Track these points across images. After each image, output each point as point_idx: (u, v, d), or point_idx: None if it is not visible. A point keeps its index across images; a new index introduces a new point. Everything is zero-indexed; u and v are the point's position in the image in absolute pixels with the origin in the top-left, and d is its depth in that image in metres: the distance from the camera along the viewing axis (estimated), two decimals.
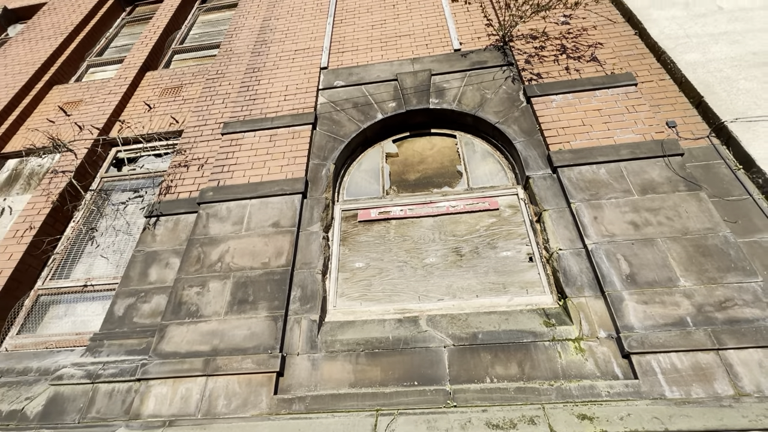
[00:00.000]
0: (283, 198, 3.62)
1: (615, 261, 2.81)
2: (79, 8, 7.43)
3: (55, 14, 7.45)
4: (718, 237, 2.82)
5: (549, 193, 3.32)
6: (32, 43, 6.76)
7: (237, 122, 4.36)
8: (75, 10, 7.41)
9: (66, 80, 6.44)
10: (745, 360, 2.36)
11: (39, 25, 7.24)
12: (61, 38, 6.68)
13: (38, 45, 6.66)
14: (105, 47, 7.19)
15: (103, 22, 7.47)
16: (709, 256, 2.75)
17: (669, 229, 2.90)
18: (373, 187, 3.93)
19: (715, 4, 4.42)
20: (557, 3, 4.21)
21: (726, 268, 2.68)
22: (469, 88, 4.23)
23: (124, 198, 4.50)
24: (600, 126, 3.58)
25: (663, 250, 2.81)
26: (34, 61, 6.28)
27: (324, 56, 4.91)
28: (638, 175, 3.22)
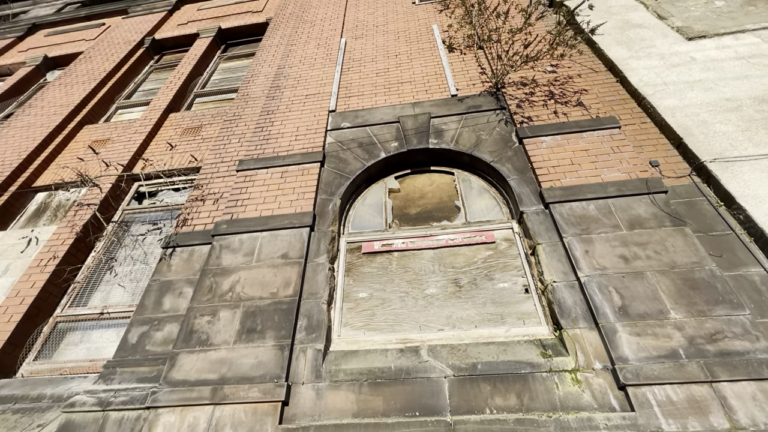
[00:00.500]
0: (292, 231, 3.65)
1: (607, 293, 2.79)
2: (112, 56, 7.80)
3: (90, 62, 7.81)
4: (705, 271, 2.80)
5: (542, 227, 3.34)
6: (68, 87, 7.06)
7: (251, 160, 4.47)
8: (108, 58, 7.77)
9: (96, 120, 6.66)
10: (739, 393, 2.29)
11: (75, 71, 7.58)
12: (94, 83, 6.97)
13: (73, 89, 6.94)
14: (133, 91, 7.48)
15: (133, 68, 7.82)
16: (698, 289, 2.72)
17: (657, 263, 2.89)
18: (377, 220, 3.96)
19: (689, 55, 4.59)
20: (544, 55, 4.39)
21: (714, 301, 2.65)
22: (465, 129, 4.35)
23: (143, 230, 4.55)
24: (588, 165, 3.64)
25: (653, 283, 2.79)
26: (69, 104, 6.53)
27: (332, 100, 5.09)
28: (626, 211, 3.24)
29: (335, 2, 7.56)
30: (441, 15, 6.53)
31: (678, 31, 4.99)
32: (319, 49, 6.21)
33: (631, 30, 5.20)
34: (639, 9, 5.58)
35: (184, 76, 6.85)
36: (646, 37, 5.03)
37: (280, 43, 6.95)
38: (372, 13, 7.01)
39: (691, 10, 5.35)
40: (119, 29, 8.99)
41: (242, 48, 8.12)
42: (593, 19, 5.26)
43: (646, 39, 5.00)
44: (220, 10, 8.90)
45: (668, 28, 5.11)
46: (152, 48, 8.34)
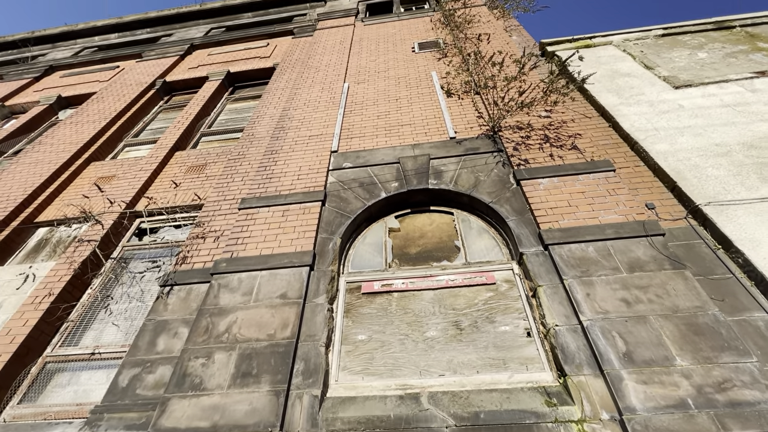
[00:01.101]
0: (292, 270, 3.64)
1: (611, 338, 2.74)
2: (124, 97, 8.12)
3: (102, 102, 8.12)
4: (708, 315, 2.77)
5: (542, 269, 3.34)
6: (78, 125, 7.28)
7: (253, 198, 4.53)
8: (120, 98, 8.08)
9: (103, 157, 6.82)
10: None
11: (87, 110, 7.85)
12: (104, 122, 7.20)
13: (83, 127, 7.16)
14: (142, 129, 7.72)
15: (143, 108, 8.11)
16: (702, 334, 2.68)
17: (660, 307, 2.86)
18: (377, 260, 3.96)
19: (677, 102, 4.80)
20: (538, 101, 4.59)
21: (720, 348, 2.60)
22: (464, 170, 4.45)
23: (142, 267, 4.53)
24: (585, 207, 3.70)
25: (656, 328, 2.75)
26: (78, 141, 6.71)
27: (335, 141, 5.24)
28: (625, 254, 3.25)
29: (339, 50, 7.98)
30: (439, 63, 6.88)
31: (665, 80, 5.25)
32: (323, 93, 6.48)
33: (620, 78, 5.47)
34: (626, 59, 5.90)
35: (191, 116, 7.09)
36: (635, 85, 5.28)
37: (285, 87, 7.27)
38: (374, 60, 7.38)
39: (676, 60, 5.66)
40: (132, 71, 9.42)
41: (249, 90, 8.47)
42: (583, 68, 5.54)
43: (635, 87, 5.24)
44: (229, 56, 9.37)
45: (655, 77, 5.38)
46: (163, 89, 8.69)
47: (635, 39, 6.38)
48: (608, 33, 6.56)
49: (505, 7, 8.58)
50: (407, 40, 7.99)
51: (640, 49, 6.09)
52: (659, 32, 6.39)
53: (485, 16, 8.22)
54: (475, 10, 8.58)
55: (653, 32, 6.42)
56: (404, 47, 7.70)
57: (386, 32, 8.61)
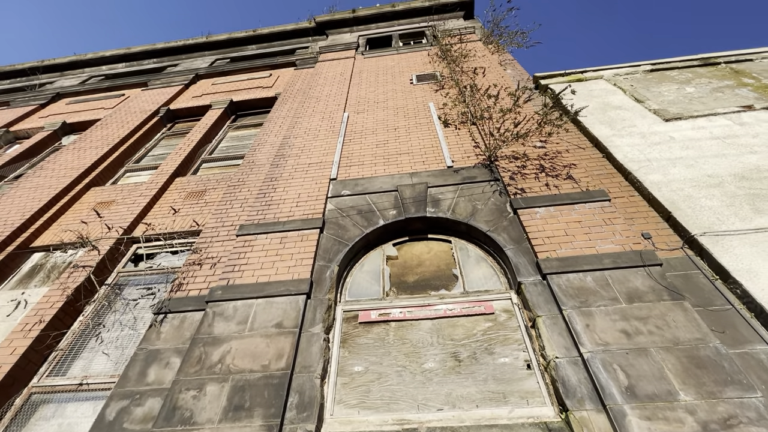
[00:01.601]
0: (288, 298, 3.60)
1: (612, 371, 2.69)
2: (127, 124, 8.27)
3: (106, 128, 8.26)
4: (710, 348, 2.73)
5: (541, 299, 3.31)
6: (81, 151, 7.38)
7: (252, 225, 4.54)
8: (124, 125, 8.24)
9: (104, 183, 6.87)
10: None
11: (90, 136, 7.98)
12: (106, 148, 7.30)
13: (86, 153, 7.26)
14: (144, 155, 7.82)
15: (146, 135, 8.25)
16: (704, 368, 2.64)
17: (660, 339, 2.83)
18: (374, 288, 3.93)
19: (668, 134, 4.94)
20: (533, 133, 4.71)
21: (723, 382, 2.55)
22: (461, 199, 4.50)
23: (136, 294, 4.47)
24: (582, 236, 3.72)
25: (658, 361, 2.71)
26: (79, 167, 6.78)
27: (334, 169, 5.32)
28: (623, 284, 3.24)
29: (340, 81, 8.24)
30: (437, 94, 7.10)
31: (655, 113, 5.42)
32: (323, 122, 6.63)
33: (612, 111, 5.64)
34: (617, 93, 6.10)
35: (193, 143, 7.21)
36: (627, 118, 5.43)
37: (286, 116, 7.44)
38: (373, 91, 7.61)
39: (665, 95, 5.86)
40: (137, 99, 9.65)
41: (251, 119, 8.67)
42: (576, 101, 5.72)
43: (627, 119, 5.40)
44: (233, 85, 9.65)
45: (646, 110, 5.55)
46: (166, 117, 8.88)
47: (625, 74, 6.63)
48: (599, 68, 6.81)
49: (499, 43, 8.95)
50: (405, 73, 8.27)
51: (630, 83, 6.32)
52: (648, 67, 6.64)
53: (480, 50, 8.55)
54: (470, 45, 8.94)
55: (642, 67, 6.67)
56: (403, 79, 7.96)
57: (385, 65, 8.92)
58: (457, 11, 11.06)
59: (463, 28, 9.97)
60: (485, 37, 9.38)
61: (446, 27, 10.40)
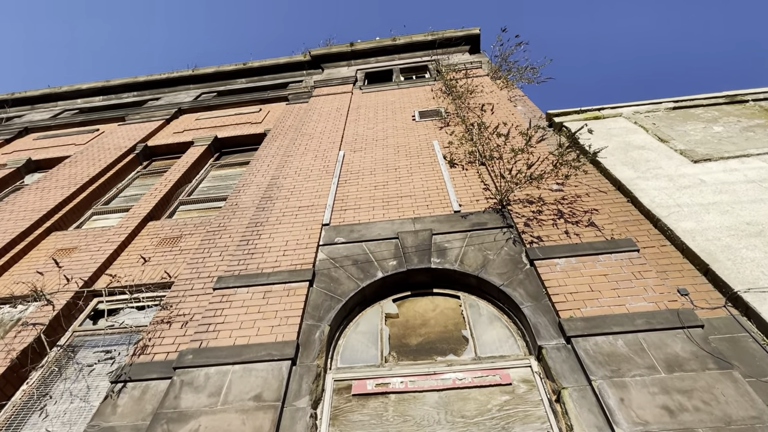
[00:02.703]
0: (270, 365, 3.48)
1: None
2: (99, 161, 8.47)
3: (75, 166, 8.45)
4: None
5: (565, 366, 3.21)
6: (44, 191, 7.49)
7: (231, 277, 4.51)
8: (95, 163, 8.43)
9: (66, 227, 6.90)
10: None
11: (56, 175, 8.14)
12: (73, 188, 7.42)
13: (49, 194, 7.36)
14: (114, 196, 7.93)
15: (119, 174, 8.42)
16: None
17: (709, 417, 2.71)
18: (371, 352, 3.82)
19: (697, 177, 5.05)
20: (549, 174, 4.82)
21: None
22: (470, 248, 4.51)
23: (93, 357, 4.33)
24: (609, 292, 3.68)
25: None
26: (40, 209, 6.84)
27: (327, 213, 5.38)
28: (660, 349, 3.16)
29: (335, 117, 8.56)
30: (441, 132, 7.35)
31: (682, 154, 5.58)
32: (316, 161, 6.80)
33: (634, 151, 5.82)
34: (639, 132, 6.32)
35: (171, 183, 7.34)
36: (651, 159, 5.59)
37: (276, 154, 7.64)
38: (372, 128, 7.89)
39: (691, 134, 6.07)
40: (113, 135, 9.95)
41: (236, 156, 8.90)
42: (594, 141, 5.92)
43: (651, 160, 5.55)
44: (218, 120, 10.01)
45: (671, 150, 5.73)
46: (143, 154, 9.12)
47: (645, 111, 6.91)
48: (617, 105, 7.12)
49: (508, 78, 9.42)
50: (407, 109, 8.62)
51: (652, 122, 6.57)
52: (670, 105, 6.94)
53: (488, 86, 8.98)
54: (477, 81, 9.40)
55: (663, 105, 6.97)
56: (404, 115, 8.28)
57: (385, 100, 9.32)
58: (462, 45, 11.75)
59: (469, 63, 10.53)
60: (493, 72, 9.89)
61: (451, 61, 10.99)
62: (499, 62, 9.89)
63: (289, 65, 12.70)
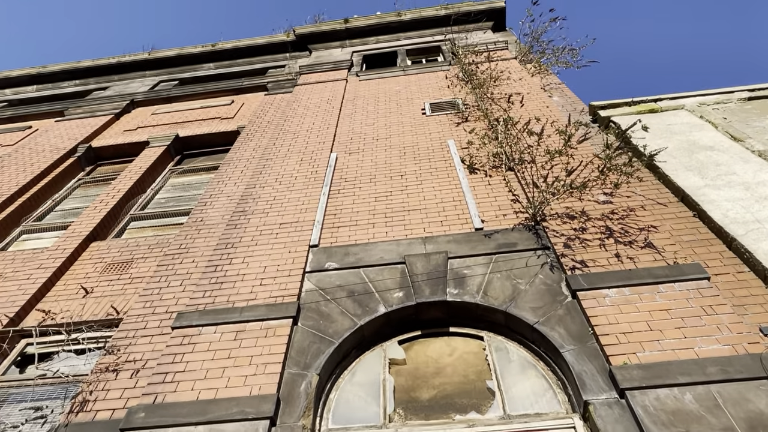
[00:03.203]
0: (243, 425, 3.45)
1: None
2: (31, 167, 8.55)
3: (0, 173, 8.52)
4: None
5: (619, 428, 3.17)
6: None
7: (194, 313, 4.51)
8: (26, 169, 8.51)
9: None
10: None
11: None
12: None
13: None
14: (49, 210, 7.99)
15: (55, 182, 8.50)
16: None
17: None
18: (372, 409, 3.79)
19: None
20: (593, 183, 4.83)
21: None
22: (496, 275, 4.50)
23: (19, 415, 4.30)
24: (673, 332, 3.66)
25: None
26: None
27: (315, 231, 5.39)
28: (740, 405, 3.13)
29: (326, 110, 8.66)
30: (458, 129, 7.41)
31: (761, 156, 5.60)
32: (302, 166, 6.85)
33: (701, 153, 5.84)
34: (706, 128, 6.36)
35: (120, 193, 7.39)
36: (722, 162, 5.61)
37: (252, 156, 7.71)
38: (371, 124, 7.96)
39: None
40: (48, 134, 10.07)
41: (203, 160, 8.98)
42: (650, 139, 5.95)
43: (722, 164, 5.57)
44: (180, 115, 10.13)
45: (747, 151, 5.75)
46: (86, 158, 9.21)
47: (714, 103, 6.96)
48: (678, 95, 7.18)
49: (541, 62, 9.52)
50: (416, 100, 8.71)
51: (723, 116, 6.61)
52: (744, 95, 6.99)
53: (516, 71, 9.08)
54: (503, 65, 9.51)
55: (736, 95, 7.02)
56: (412, 108, 8.36)
57: (388, 89, 9.43)
58: (484, 21, 11.92)
59: (492, 43, 10.67)
60: (522, 54, 10.01)
61: (469, 41, 11.14)
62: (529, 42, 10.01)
63: (269, 47, 12.89)
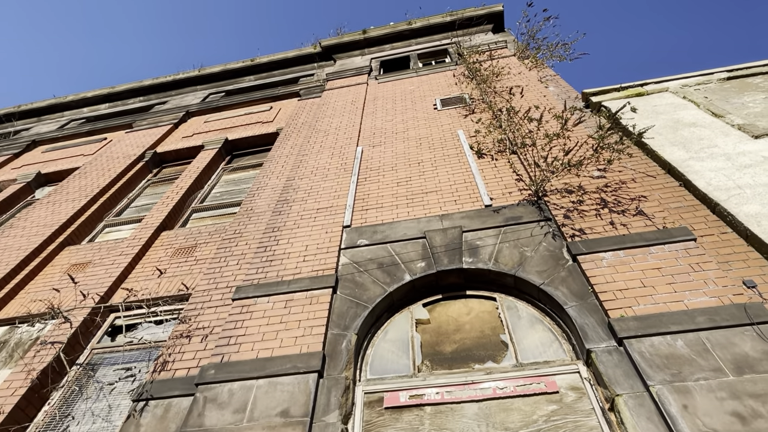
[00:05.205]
0: (296, 378, 3.52)
1: None
2: (109, 171, 8.76)
3: (84, 178, 8.77)
4: None
5: (618, 371, 3.13)
6: (56, 205, 7.80)
7: (250, 286, 4.58)
8: (104, 173, 8.73)
9: (79, 240, 7.17)
10: None
11: (67, 188, 8.47)
12: (84, 200, 7.70)
13: (60, 207, 7.66)
14: (126, 207, 8.19)
15: (129, 183, 8.69)
16: None
17: None
18: (402, 362, 3.81)
19: (760, 154, 4.83)
20: (588, 160, 4.70)
21: None
22: (505, 245, 4.45)
23: (113, 375, 4.48)
24: (664, 288, 3.57)
25: None
26: (53, 223, 7.13)
27: (347, 214, 5.40)
28: (726, 349, 3.04)
29: (351, 111, 8.60)
30: (466, 120, 7.28)
31: (741, 129, 5.35)
32: (333, 159, 6.84)
33: (685, 129, 5.61)
34: (689, 107, 6.10)
35: (182, 190, 7.52)
36: (704, 137, 5.38)
37: (290, 153, 7.73)
38: (390, 120, 7.88)
39: (750, 106, 5.81)
40: (121, 143, 10.28)
41: (249, 159, 9.05)
42: (638, 120, 5.74)
43: (705, 138, 5.34)
44: (228, 122, 10.19)
45: (727, 126, 5.50)
46: (152, 161, 9.38)
47: (695, 84, 6.66)
48: (662, 79, 6.89)
49: (537, 57, 9.24)
50: (428, 97, 8.57)
51: (704, 95, 6.32)
52: (723, 75, 6.67)
53: (515, 67, 8.83)
54: (503, 62, 9.26)
55: (716, 75, 6.70)
56: (425, 104, 8.24)
57: (403, 89, 9.30)
58: (485, 24, 11.60)
59: (493, 43, 10.39)
60: (520, 51, 9.73)
61: (473, 43, 10.87)
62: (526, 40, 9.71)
63: (299, 58, 12.82)
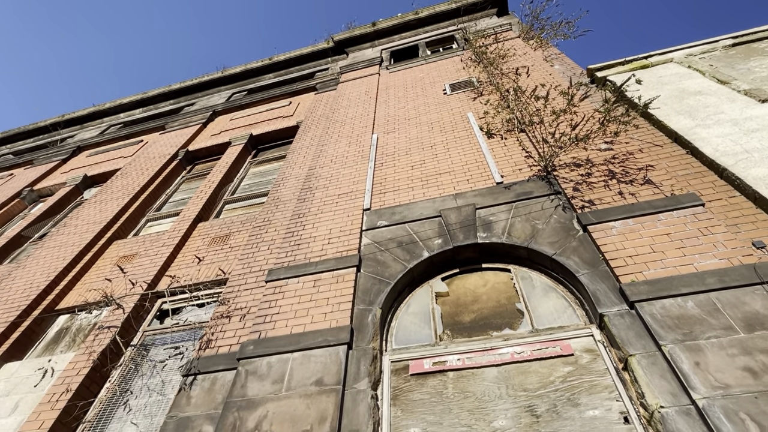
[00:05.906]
0: (327, 350, 3.59)
1: (740, 423, 2.40)
2: (147, 171, 8.95)
3: (125, 177, 8.98)
4: None
5: (631, 333, 3.08)
6: (102, 204, 8.03)
7: (281, 269, 4.66)
8: (143, 172, 8.92)
9: (125, 235, 7.39)
10: None
11: (111, 187, 8.70)
12: (127, 198, 7.90)
13: (107, 205, 7.88)
14: (164, 202, 8.38)
15: (166, 180, 8.87)
16: None
17: None
18: (425, 332, 3.84)
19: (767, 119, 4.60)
20: (595, 134, 4.56)
21: None
22: (517, 219, 4.39)
23: (164, 354, 4.65)
24: (674, 252, 3.47)
25: None
26: (101, 220, 7.36)
27: (366, 198, 5.40)
28: (737, 308, 2.96)
29: (365, 100, 8.52)
30: (475, 102, 7.13)
31: (747, 95, 5.09)
32: (351, 147, 6.82)
33: (690, 98, 5.37)
34: (694, 76, 5.82)
35: (214, 184, 7.64)
36: (710, 104, 5.14)
37: (310, 144, 7.74)
38: (402, 107, 7.78)
39: (756, 71, 5.51)
40: (156, 144, 10.46)
41: (273, 151, 9.10)
42: (644, 91, 5.52)
43: (711, 105, 5.11)
44: (251, 118, 10.24)
45: (734, 92, 5.24)
46: (185, 159, 9.53)
47: (700, 53, 6.34)
48: (666, 50, 6.58)
49: (542, 37, 8.92)
50: (437, 83, 8.41)
51: (709, 63, 6.02)
52: (728, 42, 6.32)
53: (521, 48, 8.57)
54: (508, 44, 8.99)
55: (721, 43, 6.37)
56: (434, 90, 8.09)
57: (413, 77, 9.15)
58: (489, 8, 11.25)
59: (498, 26, 10.09)
60: (524, 32, 9.42)
61: (478, 27, 10.58)
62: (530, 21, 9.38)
63: (314, 54, 12.72)
